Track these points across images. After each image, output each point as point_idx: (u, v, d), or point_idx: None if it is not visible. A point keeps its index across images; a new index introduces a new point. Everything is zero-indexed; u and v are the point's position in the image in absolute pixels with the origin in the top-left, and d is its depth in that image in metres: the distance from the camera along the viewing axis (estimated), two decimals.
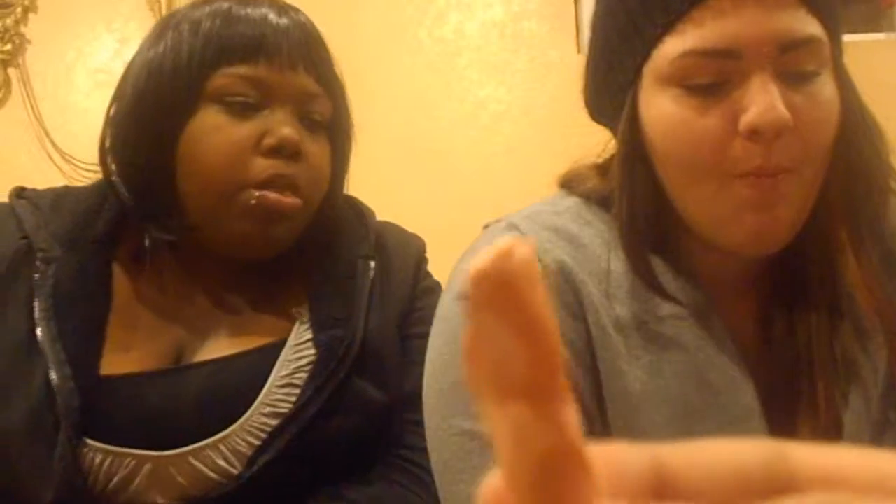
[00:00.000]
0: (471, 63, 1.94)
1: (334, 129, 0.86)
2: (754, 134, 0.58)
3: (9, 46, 2.05)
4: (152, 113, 0.79)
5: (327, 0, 2.08)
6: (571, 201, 0.71)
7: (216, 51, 0.77)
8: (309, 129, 0.81)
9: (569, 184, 0.74)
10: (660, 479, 0.18)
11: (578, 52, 1.90)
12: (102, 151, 0.84)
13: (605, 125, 0.73)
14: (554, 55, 1.92)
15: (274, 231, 0.79)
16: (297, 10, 0.84)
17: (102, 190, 0.84)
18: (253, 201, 0.77)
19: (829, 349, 0.63)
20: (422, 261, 0.92)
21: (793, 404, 0.63)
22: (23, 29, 2.07)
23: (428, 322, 0.82)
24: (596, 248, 0.67)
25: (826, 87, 0.61)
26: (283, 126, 0.77)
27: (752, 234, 0.61)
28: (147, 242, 0.83)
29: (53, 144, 2.02)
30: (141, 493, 0.73)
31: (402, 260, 0.88)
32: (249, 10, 0.79)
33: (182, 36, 0.79)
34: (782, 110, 0.57)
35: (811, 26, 0.59)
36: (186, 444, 0.73)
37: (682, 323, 0.64)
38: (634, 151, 0.64)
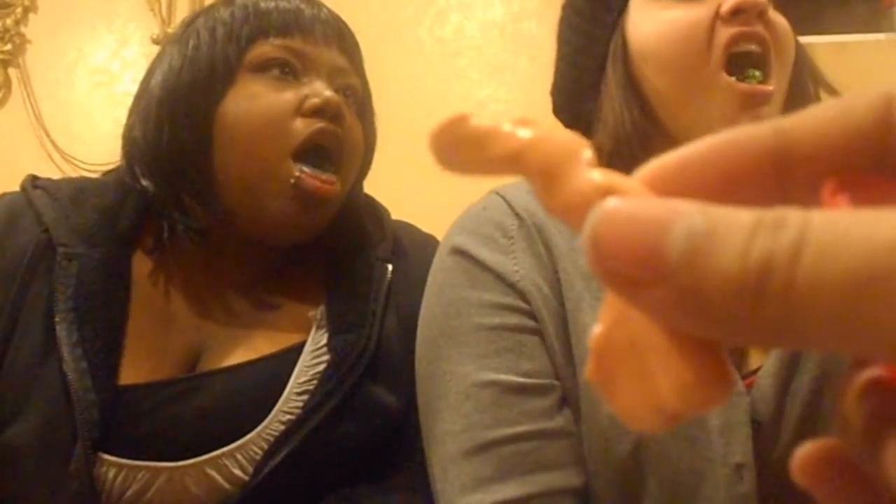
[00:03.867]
0: (471, 63, 1.94)
1: (363, 109, 0.87)
2: (737, 13, 0.65)
3: (9, 46, 2.06)
4: (188, 92, 0.77)
5: (327, 1, 2.08)
6: None
7: (252, 27, 0.79)
8: (345, 103, 0.82)
9: None
10: (783, 153, 0.19)
11: None
12: (127, 150, 0.81)
13: (570, 123, 0.79)
14: (554, 55, 1.92)
15: (312, 216, 0.78)
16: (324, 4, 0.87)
17: (124, 185, 0.82)
18: (292, 179, 0.76)
19: None
20: None
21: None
22: (23, 29, 2.08)
23: None
24: None
25: (781, 18, 0.69)
26: (323, 89, 0.78)
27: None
28: (167, 237, 0.80)
29: (53, 144, 2.02)
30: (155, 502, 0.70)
31: (420, 264, 0.85)
32: (279, 1, 0.81)
33: (215, 26, 0.80)
34: None
35: None
36: (202, 453, 0.71)
37: None
38: (624, 77, 0.70)
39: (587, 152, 0.20)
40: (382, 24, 1.96)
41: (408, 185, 1.90)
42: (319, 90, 0.78)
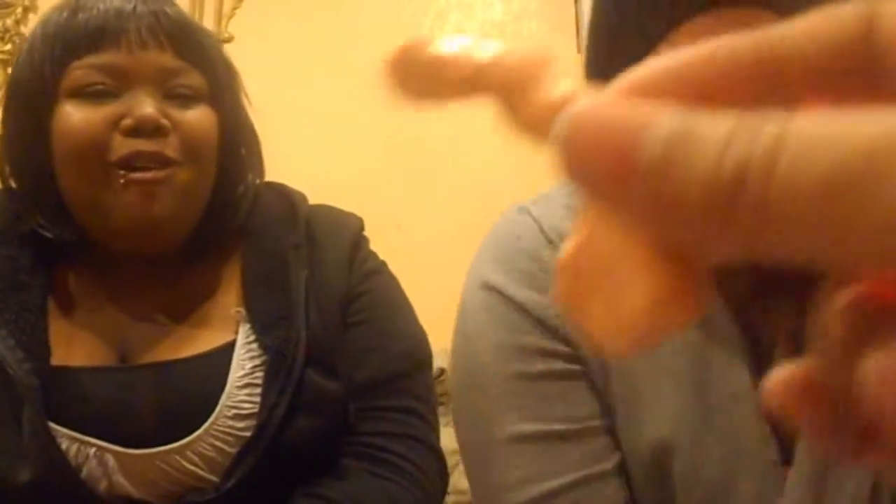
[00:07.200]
0: None
1: (216, 99, 0.83)
2: None
3: (9, 46, 2.05)
4: (23, 118, 0.80)
5: (327, 0, 2.09)
6: None
7: (62, 48, 0.78)
8: (180, 104, 0.79)
9: None
10: (767, 63, 0.18)
11: (578, 51, 1.90)
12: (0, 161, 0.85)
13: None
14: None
15: (156, 208, 0.77)
16: None
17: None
18: (122, 181, 0.75)
19: (798, 331, 0.63)
20: (358, 241, 0.88)
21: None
22: (23, 29, 2.07)
23: (375, 306, 0.84)
24: None
25: None
26: (141, 106, 0.76)
27: None
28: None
29: None
30: (118, 484, 0.73)
31: (334, 244, 0.85)
32: (90, 11, 0.79)
33: (35, 37, 0.81)
34: None
35: None
36: (151, 446, 0.73)
37: None
38: None
39: (554, 64, 0.19)
40: (382, 24, 1.96)
41: (406, 185, 1.90)
42: (135, 107, 0.76)
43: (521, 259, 0.67)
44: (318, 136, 1.92)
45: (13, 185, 0.83)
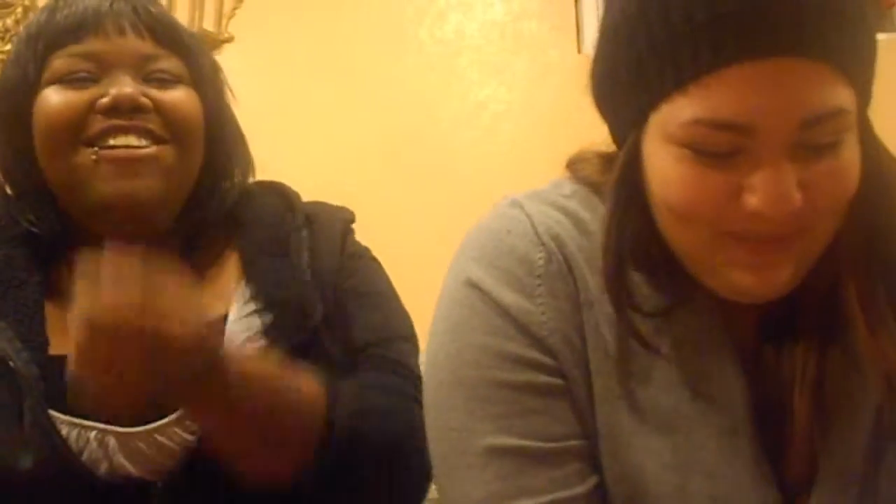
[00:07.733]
0: (471, 63, 1.94)
1: (198, 86, 0.84)
2: (759, 216, 0.54)
3: (9, 46, 2.06)
4: (10, 117, 0.82)
5: (327, 0, 2.09)
6: (577, 186, 0.68)
7: (44, 44, 0.80)
8: (160, 86, 0.81)
9: (573, 165, 0.70)
10: None
11: (579, 52, 1.90)
12: None
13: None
14: (554, 55, 1.92)
15: (135, 186, 0.78)
16: None
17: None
18: (94, 157, 0.77)
19: (817, 374, 0.60)
20: (348, 230, 0.92)
21: (779, 425, 0.61)
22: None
23: (358, 284, 0.87)
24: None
25: (846, 151, 0.56)
26: (119, 86, 0.78)
27: (744, 290, 0.58)
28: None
29: None
30: (118, 465, 0.74)
31: (328, 230, 0.89)
32: (70, 6, 0.81)
33: (20, 40, 0.84)
34: (791, 199, 0.53)
35: (839, 95, 0.53)
36: (149, 421, 0.74)
37: (679, 328, 0.62)
38: (630, 191, 0.61)
39: None
40: (382, 24, 1.96)
41: (406, 185, 1.90)
42: (111, 88, 0.78)
43: (509, 259, 0.63)
44: (318, 135, 1.92)
45: (7, 188, 0.85)
